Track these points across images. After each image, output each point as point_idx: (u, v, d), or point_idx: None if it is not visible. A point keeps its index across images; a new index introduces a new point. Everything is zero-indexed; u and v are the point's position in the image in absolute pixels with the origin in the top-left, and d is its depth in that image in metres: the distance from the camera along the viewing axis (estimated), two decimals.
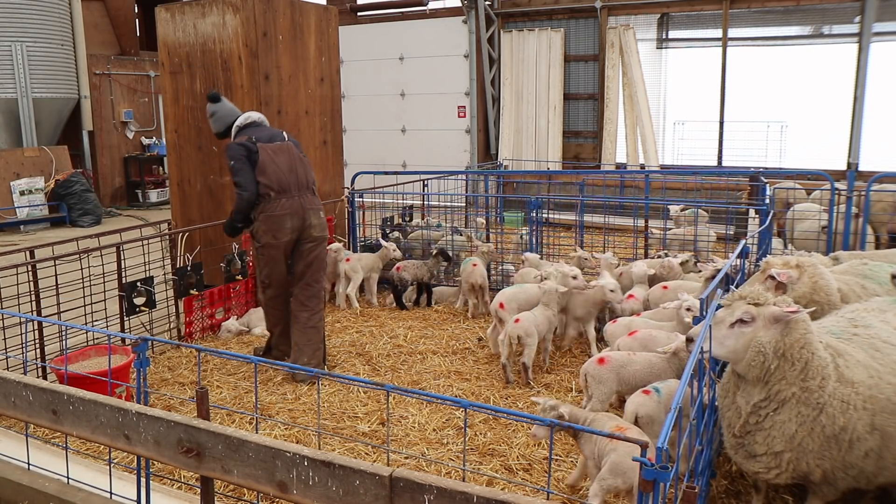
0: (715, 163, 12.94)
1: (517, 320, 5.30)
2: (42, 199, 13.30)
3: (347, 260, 7.41)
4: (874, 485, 3.22)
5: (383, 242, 7.68)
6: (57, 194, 13.33)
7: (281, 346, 5.77)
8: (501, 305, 5.67)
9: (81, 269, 5.63)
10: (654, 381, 4.18)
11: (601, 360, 4.32)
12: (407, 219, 9.72)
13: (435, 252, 7.54)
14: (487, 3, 14.22)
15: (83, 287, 5.65)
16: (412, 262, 7.47)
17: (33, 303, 5.30)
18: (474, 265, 6.99)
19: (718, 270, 4.96)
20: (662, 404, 3.67)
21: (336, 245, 7.40)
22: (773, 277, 4.00)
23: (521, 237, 8.56)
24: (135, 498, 3.05)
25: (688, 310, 4.56)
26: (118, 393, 4.64)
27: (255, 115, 5.71)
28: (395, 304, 7.42)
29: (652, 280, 6.22)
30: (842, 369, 3.11)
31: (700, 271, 6.07)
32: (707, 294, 3.41)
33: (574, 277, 5.63)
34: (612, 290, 5.72)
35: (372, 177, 9.17)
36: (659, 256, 7.11)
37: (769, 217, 6.41)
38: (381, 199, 9.78)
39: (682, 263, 6.49)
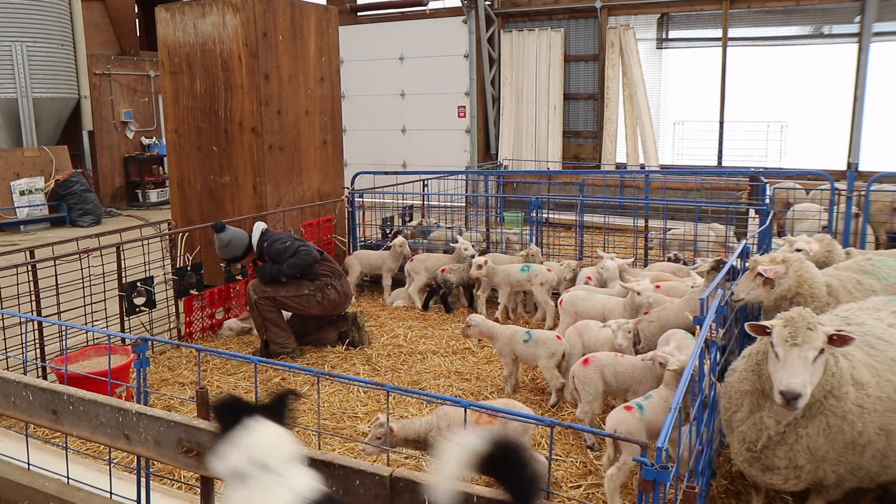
0: (715, 163, 12.93)
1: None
2: (42, 199, 13.29)
3: (411, 260, 7.32)
4: (875, 483, 3.22)
5: (460, 240, 7.37)
6: (57, 194, 13.32)
7: (277, 339, 5.94)
8: (561, 301, 5.73)
9: (81, 269, 5.63)
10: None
11: (585, 361, 4.36)
12: (407, 219, 9.72)
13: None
14: (487, 3, 14.21)
15: (83, 287, 5.65)
16: (458, 266, 7.17)
17: (33, 303, 5.30)
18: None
19: (718, 261, 4.97)
20: (644, 421, 3.59)
21: (400, 240, 7.46)
22: (761, 274, 4.13)
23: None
24: (135, 498, 3.05)
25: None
26: (118, 393, 4.64)
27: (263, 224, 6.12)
28: (441, 307, 7.18)
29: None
30: (852, 372, 3.06)
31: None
32: (707, 294, 3.41)
33: (639, 293, 5.18)
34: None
35: (372, 177, 9.18)
36: (668, 259, 7.14)
37: (769, 217, 6.41)
38: (381, 199, 9.78)
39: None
